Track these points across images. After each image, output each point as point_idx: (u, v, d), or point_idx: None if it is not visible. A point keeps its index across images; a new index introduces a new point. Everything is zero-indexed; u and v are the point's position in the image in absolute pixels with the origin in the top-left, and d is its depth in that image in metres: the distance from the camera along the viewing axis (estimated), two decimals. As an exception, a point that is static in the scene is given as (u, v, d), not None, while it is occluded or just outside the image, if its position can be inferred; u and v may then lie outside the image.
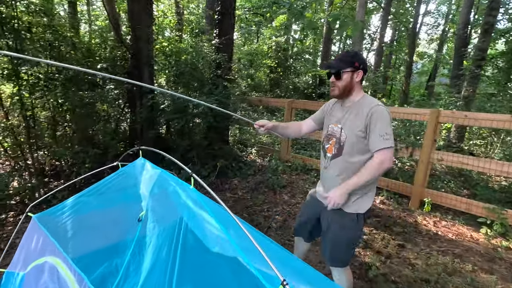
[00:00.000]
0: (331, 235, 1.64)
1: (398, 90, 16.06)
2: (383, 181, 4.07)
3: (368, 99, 1.55)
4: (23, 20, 3.46)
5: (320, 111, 1.82)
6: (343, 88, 1.53)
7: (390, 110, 3.83)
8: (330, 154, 1.63)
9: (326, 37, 12.09)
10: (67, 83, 3.58)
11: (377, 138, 1.42)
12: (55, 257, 1.55)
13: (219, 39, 5.03)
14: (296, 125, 1.88)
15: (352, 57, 1.52)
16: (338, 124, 1.60)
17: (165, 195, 1.18)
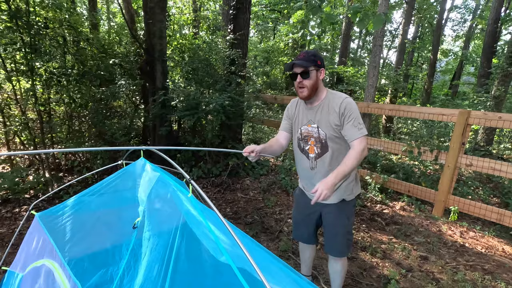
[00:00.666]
0: (340, 228, 1.73)
1: (420, 89, 15.42)
2: (403, 185, 3.82)
3: (334, 93, 1.62)
4: (38, 14, 3.47)
5: (286, 119, 1.82)
6: (311, 87, 1.57)
7: (412, 110, 3.63)
8: (313, 154, 1.68)
9: (344, 33, 11.70)
10: (81, 78, 3.55)
11: (354, 129, 1.52)
12: (53, 260, 1.47)
13: (233, 35, 4.90)
14: (276, 141, 1.82)
15: (314, 56, 1.55)
16: (312, 124, 1.65)
17: (162, 202, 1.07)
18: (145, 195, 1.18)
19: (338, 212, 1.71)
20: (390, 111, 3.91)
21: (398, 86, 7.12)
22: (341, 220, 1.72)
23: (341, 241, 1.75)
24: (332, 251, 1.79)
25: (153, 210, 1.10)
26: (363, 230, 3.12)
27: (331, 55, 15.54)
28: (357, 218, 3.38)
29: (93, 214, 1.50)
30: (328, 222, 1.76)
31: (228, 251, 0.85)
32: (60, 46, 3.73)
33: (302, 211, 1.88)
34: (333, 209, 1.71)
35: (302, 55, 1.55)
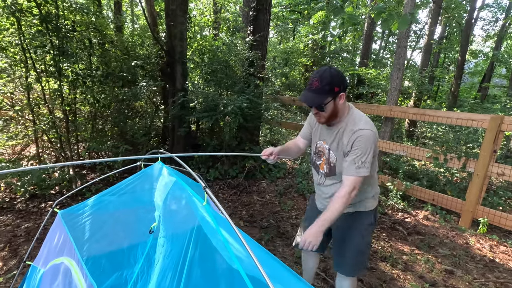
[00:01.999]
0: (350, 245, 1.58)
1: (446, 92, 14.74)
2: (427, 193, 3.64)
3: (354, 117, 1.43)
4: (67, 18, 3.61)
5: (307, 126, 1.71)
6: (329, 116, 1.42)
7: (439, 115, 3.45)
8: (323, 171, 1.59)
9: (366, 34, 11.43)
10: (104, 80, 3.66)
11: (352, 165, 1.36)
12: (71, 258, 1.51)
13: (253, 36, 4.88)
14: (294, 144, 1.76)
15: (330, 84, 1.32)
16: (326, 143, 1.54)
17: (177, 208, 1.06)
18: (161, 200, 1.17)
19: (349, 226, 1.57)
20: (415, 115, 3.75)
21: (423, 89, 6.83)
22: (353, 236, 1.56)
23: (350, 260, 1.59)
24: (338, 269, 1.65)
25: (168, 216, 1.09)
26: (383, 239, 3.00)
27: (352, 56, 15.21)
28: (378, 227, 3.26)
29: (112, 214, 1.52)
30: (337, 236, 1.62)
31: (240, 260, 0.82)
32: (86, 48, 3.87)
33: (310, 218, 1.72)
34: (345, 222, 1.56)
35: (314, 85, 1.33)
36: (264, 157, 1.63)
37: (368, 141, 1.35)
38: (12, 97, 4.23)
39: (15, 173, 3.48)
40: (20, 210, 3.47)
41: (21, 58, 3.44)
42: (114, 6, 8.22)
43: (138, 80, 3.97)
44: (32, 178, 3.71)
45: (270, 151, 1.62)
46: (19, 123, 4.41)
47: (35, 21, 3.19)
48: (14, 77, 3.72)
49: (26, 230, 3.05)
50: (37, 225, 3.16)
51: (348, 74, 11.74)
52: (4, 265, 2.49)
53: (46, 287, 1.47)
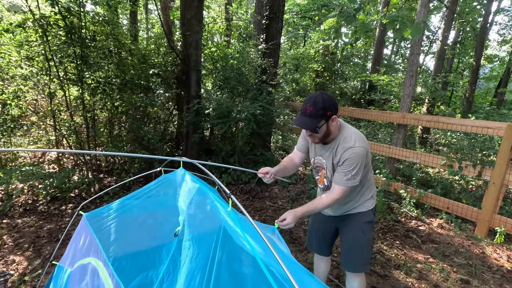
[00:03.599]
0: (353, 242, 1.71)
1: (460, 97, 14.47)
2: (442, 201, 3.61)
3: (345, 135, 1.53)
4: (89, 29, 3.79)
5: (303, 139, 1.79)
6: (323, 137, 1.53)
7: (453, 122, 3.43)
8: (322, 185, 1.71)
9: (378, 40, 11.39)
10: (123, 87, 3.81)
11: (342, 177, 1.50)
12: (98, 259, 1.59)
13: (265, 44, 4.98)
14: (290, 161, 1.83)
15: (323, 109, 1.42)
16: (322, 160, 1.65)
17: (202, 213, 1.12)
18: (185, 205, 1.24)
19: (352, 226, 1.71)
20: (428, 122, 3.73)
21: (436, 95, 6.75)
22: (355, 234, 1.71)
23: (355, 256, 1.72)
24: (346, 266, 1.76)
25: (193, 220, 1.15)
26: (397, 247, 2.99)
27: (363, 61, 15.14)
28: (391, 234, 3.25)
29: (136, 218, 1.60)
30: (343, 236, 1.78)
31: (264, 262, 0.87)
32: (106, 57, 4.04)
33: (322, 226, 1.90)
34: (348, 222, 1.73)
35: (308, 110, 1.42)
36: (261, 175, 1.68)
37: (359, 157, 1.47)
38: (35, 104, 4.44)
39: (38, 176, 3.64)
40: (42, 212, 3.62)
41: (45, 67, 3.62)
42: (130, 16, 8.53)
43: (154, 88, 4.11)
44: (54, 181, 3.86)
45: (266, 170, 1.67)
46: (40, 129, 4.62)
47: (60, 33, 3.36)
48: (38, 84, 3.90)
49: (49, 231, 3.18)
50: (59, 227, 3.29)
51: (359, 80, 11.71)
52: (29, 264, 2.62)
53: (74, 286, 1.55)
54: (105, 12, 4.40)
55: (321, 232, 1.91)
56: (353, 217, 1.72)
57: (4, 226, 3.27)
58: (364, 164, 1.52)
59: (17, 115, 4.08)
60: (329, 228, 1.87)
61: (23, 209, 3.69)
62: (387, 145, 4.26)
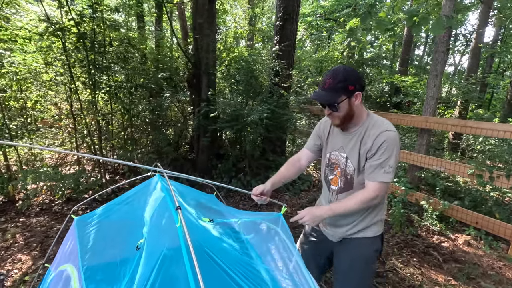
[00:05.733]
0: (353, 274, 1.41)
1: (501, 100, 13.27)
2: (470, 215, 3.22)
3: (375, 121, 1.32)
4: (105, 34, 3.90)
5: (315, 137, 1.55)
6: (343, 118, 1.31)
7: (483, 127, 3.07)
8: (336, 187, 1.43)
9: (406, 40, 10.81)
10: (134, 91, 3.87)
11: (379, 169, 1.25)
12: (74, 266, 1.55)
13: (279, 46, 4.85)
14: (294, 163, 1.58)
15: (344, 81, 1.23)
16: (342, 152, 1.39)
17: (158, 227, 1.02)
18: (149, 216, 1.15)
19: (356, 253, 1.41)
20: (454, 127, 3.37)
21: (470, 97, 6.17)
22: (359, 264, 1.40)
23: None
24: None
25: (151, 234, 1.06)
26: (413, 265, 2.69)
27: (392, 63, 14.45)
28: (408, 250, 2.94)
29: (113, 225, 1.54)
30: (342, 264, 1.46)
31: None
32: (119, 62, 4.13)
33: (314, 252, 1.60)
34: (351, 249, 1.42)
35: (327, 83, 1.24)
36: (255, 198, 1.45)
37: (396, 144, 1.26)
38: (59, 107, 4.67)
39: (51, 178, 3.77)
40: (56, 212, 3.74)
41: (63, 72, 3.77)
42: (156, 22, 8.84)
43: (164, 92, 4.14)
44: (69, 183, 4.00)
45: (261, 189, 1.43)
46: (65, 131, 4.84)
47: (73, 38, 3.48)
48: (58, 89, 4.08)
49: (58, 231, 3.26)
50: (67, 227, 3.37)
51: (385, 82, 11.16)
52: (33, 264, 2.68)
53: (50, 291, 1.51)
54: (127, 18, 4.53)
55: (311, 255, 1.60)
56: (357, 242, 1.41)
57: (19, 224, 3.41)
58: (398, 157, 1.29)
59: (40, 118, 4.30)
60: (323, 252, 1.56)
61: (40, 208, 3.85)
62: (408, 152, 3.92)
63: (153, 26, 10.51)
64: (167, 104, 4.02)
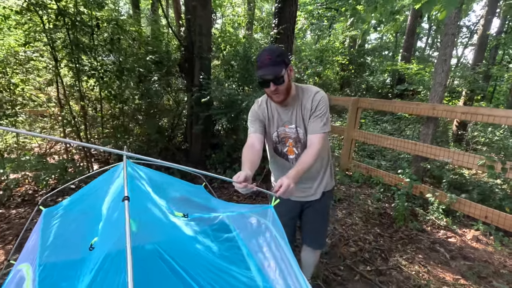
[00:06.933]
0: (323, 222, 1.83)
1: (505, 92, 13.01)
2: (479, 209, 3.01)
3: (302, 86, 1.55)
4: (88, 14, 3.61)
5: (257, 121, 1.60)
6: (286, 91, 1.45)
7: (496, 114, 2.85)
8: (293, 156, 1.62)
9: (409, 29, 10.48)
10: (120, 75, 3.60)
11: (319, 122, 1.48)
12: (31, 266, 1.33)
13: (277, 29, 4.56)
14: (253, 152, 1.51)
15: (281, 55, 1.39)
16: (290, 125, 1.57)
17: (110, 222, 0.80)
18: (105, 208, 0.92)
19: (320, 207, 1.75)
20: (464, 114, 3.13)
21: (476, 87, 5.91)
22: (323, 214, 1.80)
23: (324, 234, 1.90)
24: (313, 244, 1.84)
25: (103, 231, 0.84)
26: (419, 262, 2.49)
27: (394, 53, 14.11)
28: (412, 246, 2.74)
29: (76, 218, 1.32)
30: (311, 217, 1.79)
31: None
32: (106, 45, 3.85)
33: (285, 216, 1.63)
34: (316, 205, 1.73)
35: (267, 59, 1.35)
36: (239, 186, 1.19)
37: (327, 101, 1.50)
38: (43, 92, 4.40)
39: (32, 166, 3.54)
40: (38, 204, 3.52)
41: (43, 53, 3.50)
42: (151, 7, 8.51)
43: (151, 75, 3.87)
44: (54, 172, 3.76)
45: (243, 175, 1.20)
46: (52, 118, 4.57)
47: (52, 15, 3.20)
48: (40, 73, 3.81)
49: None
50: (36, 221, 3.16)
51: (387, 72, 10.87)
52: (6, 259, 2.47)
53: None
54: None
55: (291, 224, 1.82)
56: (326, 197, 1.74)
57: (-4, 216, 3.20)
58: None
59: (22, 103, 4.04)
60: (297, 215, 1.81)
61: (21, 199, 3.63)
62: (413, 142, 3.69)
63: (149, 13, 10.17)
64: (155, 89, 3.75)
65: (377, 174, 4.08)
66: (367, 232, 2.97)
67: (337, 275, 2.32)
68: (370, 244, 2.75)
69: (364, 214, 3.30)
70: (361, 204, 3.50)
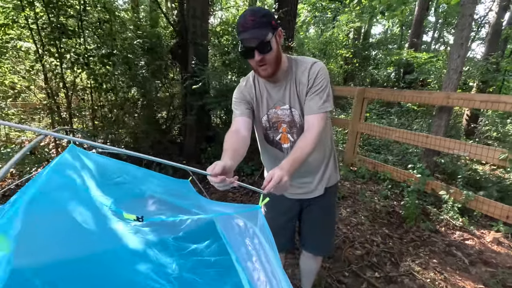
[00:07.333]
0: (329, 223, 1.56)
1: (513, 87, 12.59)
2: (499, 208, 2.70)
3: (296, 58, 1.27)
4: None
5: (245, 102, 1.31)
6: (275, 60, 1.15)
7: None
8: (288, 144, 1.34)
9: (416, 19, 10.09)
10: (105, 60, 3.32)
11: (318, 100, 1.19)
12: None
13: (278, 13, 4.25)
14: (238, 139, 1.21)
15: (267, 16, 1.09)
16: (283, 105, 1.29)
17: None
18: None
19: (323, 206, 1.46)
20: (484, 103, 2.82)
21: (489, 78, 5.56)
22: (327, 214, 1.51)
23: (328, 238, 1.58)
24: (316, 250, 1.57)
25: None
26: (433, 268, 2.20)
27: (399, 47, 13.69)
28: (425, 249, 2.45)
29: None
30: (312, 219, 1.50)
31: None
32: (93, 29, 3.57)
33: (282, 216, 1.50)
34: (318, 204, 1.45)
35: (250, 20, 1.04)
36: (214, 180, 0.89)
37: (327, 72, 1.22)
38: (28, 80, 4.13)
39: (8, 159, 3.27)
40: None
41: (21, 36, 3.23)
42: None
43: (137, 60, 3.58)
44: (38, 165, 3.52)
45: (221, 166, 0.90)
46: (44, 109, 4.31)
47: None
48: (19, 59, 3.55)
49: None
50: None
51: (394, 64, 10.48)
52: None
53: None
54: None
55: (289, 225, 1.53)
56: (330, 193, 1.45)
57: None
58: None
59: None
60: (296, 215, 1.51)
61: (2, 194, 3.39)
62: (425, 134, 3.38)
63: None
64: (142, 75, 3.46)
65: (384, 169, 3.78)
66: (375, 232, 2.69)
67: (342, 282, 2.04)
68: (378, 247, 2.47)
69: (370, 213, 3.01)
70: (367, 201, 3.21)
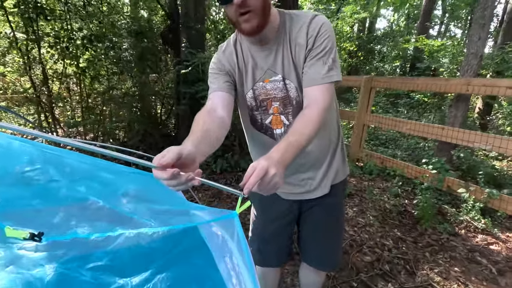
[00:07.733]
0: (331, 229, 1.19)
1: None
2: (527, 208, 2.38)
3: (292, 12, 0.92)
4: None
5: (223, 73, 0.96)
6: (262, 7, 0.80)
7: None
8: (281, 129, 1.01)
9: (425, 10, 9.69)
10: (88, 44, 3.02)
11: (320, 67, 0.86)
12: None
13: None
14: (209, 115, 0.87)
15: None
16: (274, 76, 0.94)
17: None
18: None
19: (328, 208, 1.15)
20: (510, 89, 2.48)
21: (506, 68, 5.19)
22: (333, 220, 1.18)
23: (335, 250, 1.24)
24: (322, 264, 1.25)
25: None
26: (456, 278, 1.89)
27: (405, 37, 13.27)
28: (445, 254, 2.14)
29: None
30: (317, 223, 1.18)
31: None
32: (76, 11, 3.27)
33: (274, 222, 1.19)
34: (322, 205, 1.13)
35: None
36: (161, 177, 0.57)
37: (332, 30, 0.88)
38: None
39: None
40: None
41: None
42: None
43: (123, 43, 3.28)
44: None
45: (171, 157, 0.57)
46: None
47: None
48: None
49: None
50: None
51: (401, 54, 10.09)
52: None
53: None
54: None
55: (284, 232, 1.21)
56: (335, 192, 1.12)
57: None
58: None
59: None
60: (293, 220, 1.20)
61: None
62: (440, 126, 3.05)
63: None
64: (126, 58, 3.16)
65: (393, 164, 3.46)
66: (385, 235, 2.38)
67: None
68: (390, 252, 2.17)
69: (380, 213, 2.70)
70: (376, 200, 2.90)
